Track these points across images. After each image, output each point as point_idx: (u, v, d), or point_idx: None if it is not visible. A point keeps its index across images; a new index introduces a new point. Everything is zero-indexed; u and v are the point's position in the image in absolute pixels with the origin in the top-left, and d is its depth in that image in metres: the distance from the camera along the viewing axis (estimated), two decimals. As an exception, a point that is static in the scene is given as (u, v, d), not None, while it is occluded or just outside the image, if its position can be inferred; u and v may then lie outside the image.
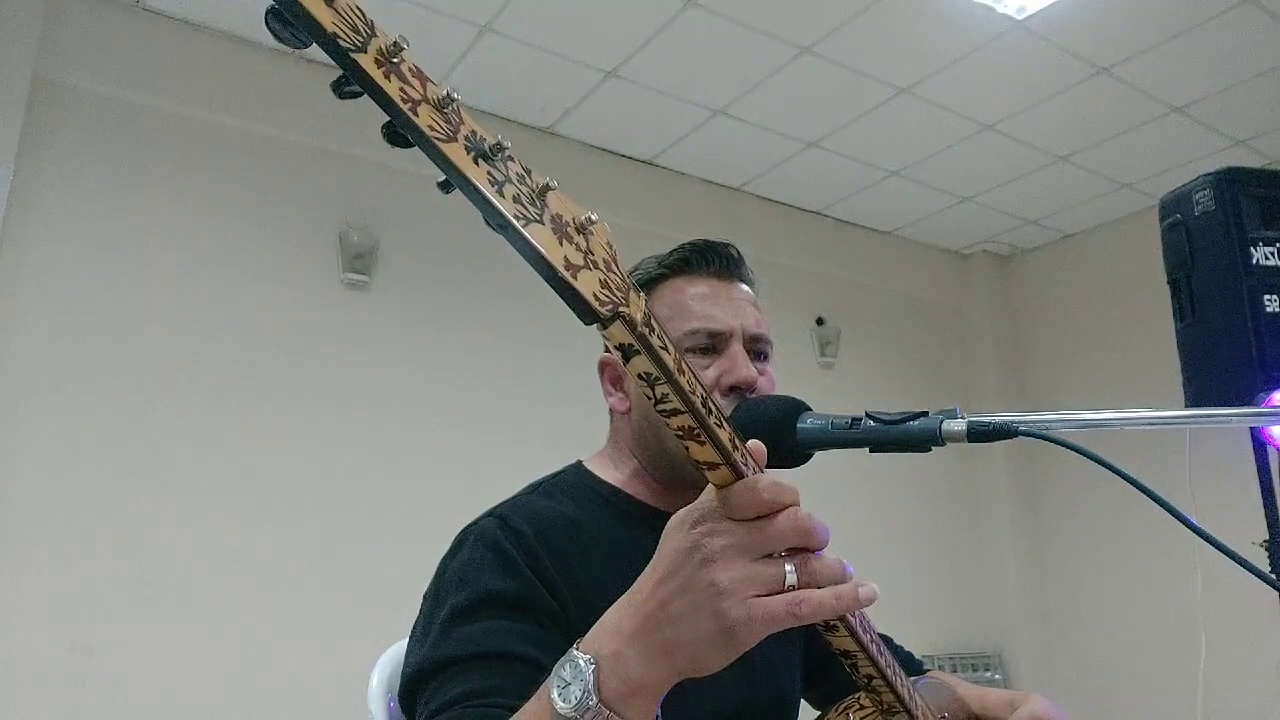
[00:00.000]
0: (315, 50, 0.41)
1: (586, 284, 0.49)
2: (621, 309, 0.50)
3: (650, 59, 3.24)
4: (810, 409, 0.88)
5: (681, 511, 0.62)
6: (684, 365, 0.56)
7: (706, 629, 0.57)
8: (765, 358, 1.07)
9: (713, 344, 1.03)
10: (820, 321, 4.37)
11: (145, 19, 2.99)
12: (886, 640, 1.30)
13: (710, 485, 0.62)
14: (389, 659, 1.08)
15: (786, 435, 0.86)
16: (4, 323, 2.60)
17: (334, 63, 0.41)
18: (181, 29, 3.05)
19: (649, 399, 0.56)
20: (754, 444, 0.63)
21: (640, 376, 0.54)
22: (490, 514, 0.98)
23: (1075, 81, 3.38)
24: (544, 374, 3.42)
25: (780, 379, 1.07)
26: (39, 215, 2.69)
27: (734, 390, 1.00)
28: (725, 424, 0.59)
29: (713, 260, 1.09)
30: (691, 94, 3.47)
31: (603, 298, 0.49)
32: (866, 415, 0.79)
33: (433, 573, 0.97)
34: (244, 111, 3.10)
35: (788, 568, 0.58)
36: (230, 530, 2.78)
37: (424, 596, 0.95)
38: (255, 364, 2.94)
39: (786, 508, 0.59)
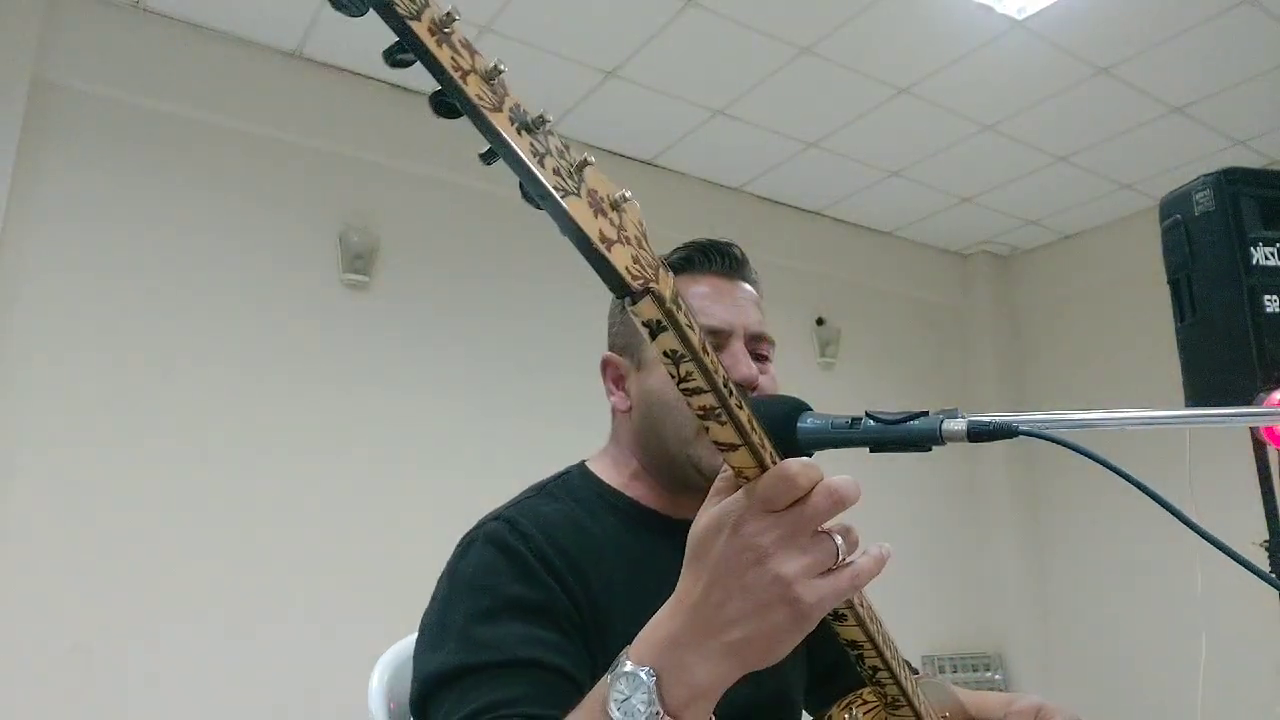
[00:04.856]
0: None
1: (620, 258, 0.50)
2: (652, 285, 0.51)
3: (650, 59, 3.24)
4: (810, 409, 0.88)
5: (712, 517, 0.61)
6: (707, 346, 0.56)
7: (779, 619, 0.58)
8: (766, 358, 1.07)
9: (714, 342, 1.01)
10: (820, 321, 4.37)
11: (145, 19, 2.99)
12: None
13: (719, 485, 0.63)
14: (390, 659, 1.08)
15: (786, 435, 0.85)
16: (3, 323, 2.60)
17: (389, 28, 0.43)
18: (181, 29, 3.05)
19: (673, 377, 0.56)
20: None
21: (666, 354, 0.54)
22: (495, 517, 0.96)
23: (1075, 81, 3.38)
24: (544, 374, 3.42)
25: (780, 379, 1.07)
26: (39, 217, 2.69)
27: None
28: (744, 405, 0.59)
29: (716, 259, 1.08)
30: (691, 94, 3.47)
31: (635, 272, 0.50)
32: (866, 415, 0.79)
33: (435, 575, 0.95)
34: (244, 112, 3.10)
35: (836, 539, 0.60)
36: (230, 530, 2.78)
37: (432, 600, 0.92)
38: (255, 364, 2.94)
39: (816, 484, 0.60)
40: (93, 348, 2.71)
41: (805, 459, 0.61)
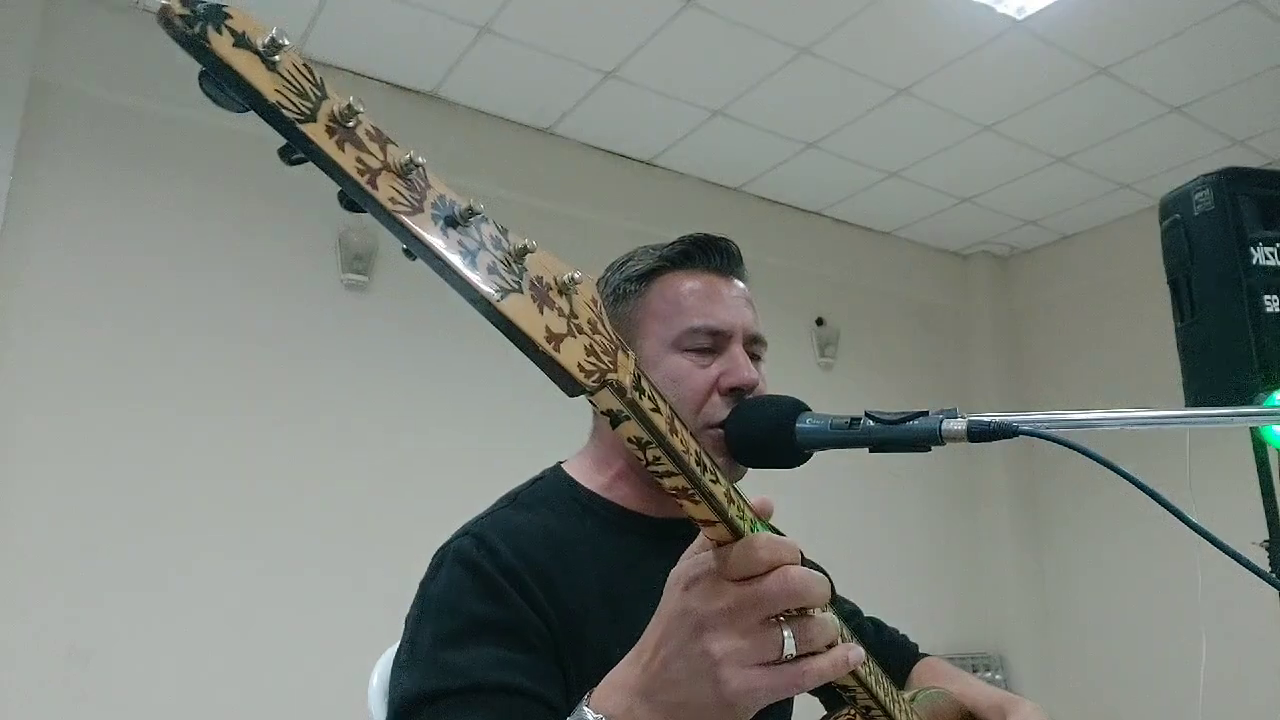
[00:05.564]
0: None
1: (570, 354, 0.45)
2: (609, 375, 0.47)
3: (650, 59, 3.23)
4: (809, 409, 0.88)
5: (679, 568, 0.60)
6: (676, 424, 0.53)
7: (707, 697, 0.56)
8: (759, 359, 1.05)
9: (714, 343, 1.01)
10: (820, 322, 4.37)
11: (144, 20, 2.98)
12: (876, 624, 1.29)
13: (705, 539, 0.61)
14: (389, 659, 1.08)
15: (786, 435, 0.85)
16: (3, 325, 2.60)
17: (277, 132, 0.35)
18: (181, 30, 3.04)
19: (640, 461, 0.53)
20: (759, 499, 0.62)
21: (631, 440, 0.52)
22: (465, 532, 0.95)
23: (1075, 81, 3.38)
24: (544, 376, 3.41)
25: (780, 379, 1.06)
26: (38, 219, 2.69)
27: (734, 391, 0.98)
28: (721, 478, 0.57)
29: (713, 255, 1.07)
30: (691, 94, 3.47)
31: (588, 366, 0.46)
32: (866, 415, 0.79)
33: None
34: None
35: (786, 633, 0.57)
36: (229, 532, 2.78)
37: (406, 619, 0.92)
38: (254, 365, 2.94)
39: (780, 567, 0.56)
40: (92, 347, 2.71)
41: (782, 539, 0.58)
